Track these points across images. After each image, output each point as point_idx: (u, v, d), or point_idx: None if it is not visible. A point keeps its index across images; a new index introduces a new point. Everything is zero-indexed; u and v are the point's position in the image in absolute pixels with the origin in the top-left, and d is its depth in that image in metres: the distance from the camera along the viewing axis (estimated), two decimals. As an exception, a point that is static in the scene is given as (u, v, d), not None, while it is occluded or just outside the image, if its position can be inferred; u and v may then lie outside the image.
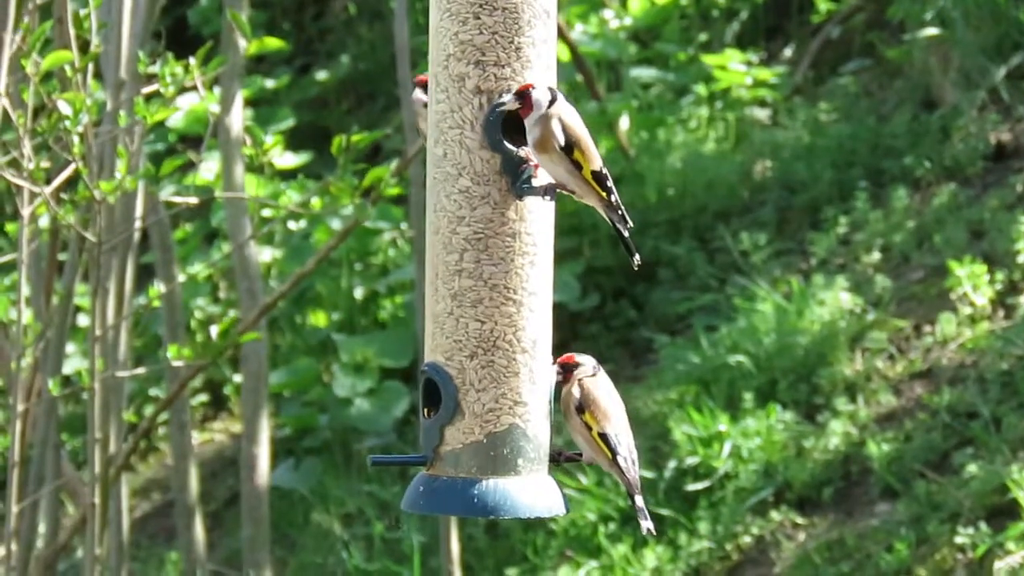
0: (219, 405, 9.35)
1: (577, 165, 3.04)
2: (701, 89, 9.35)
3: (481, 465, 3.02)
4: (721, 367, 7.48)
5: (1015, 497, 6.45)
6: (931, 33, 8.82)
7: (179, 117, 9.10)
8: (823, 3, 9.87)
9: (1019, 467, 6.52)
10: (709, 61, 9.39)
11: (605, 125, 8.94)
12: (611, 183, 3.06)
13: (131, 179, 4.69)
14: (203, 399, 9.28)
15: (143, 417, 7.21)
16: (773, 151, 8.89)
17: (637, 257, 3.14)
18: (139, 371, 6.04)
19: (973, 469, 6.64)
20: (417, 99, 3.28)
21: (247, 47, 4.89)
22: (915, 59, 8.93)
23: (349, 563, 7.53)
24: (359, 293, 9.01)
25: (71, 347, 8.60)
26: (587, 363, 3.15)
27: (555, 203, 3.07)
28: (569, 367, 3.12)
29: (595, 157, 3.05)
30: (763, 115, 9.39)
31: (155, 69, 4.71)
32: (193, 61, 4.68)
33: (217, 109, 6.53)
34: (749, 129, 9.19)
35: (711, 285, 8.27)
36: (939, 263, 7.65)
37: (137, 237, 5.94)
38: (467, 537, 7.37)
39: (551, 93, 3.01)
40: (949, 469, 6.81)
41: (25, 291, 5.01)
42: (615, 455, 3.10)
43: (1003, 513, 6.52)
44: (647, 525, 3.11)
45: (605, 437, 3.10)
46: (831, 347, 7.39)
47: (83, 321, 8.65)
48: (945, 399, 6.99)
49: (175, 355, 4.98)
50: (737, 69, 9.31)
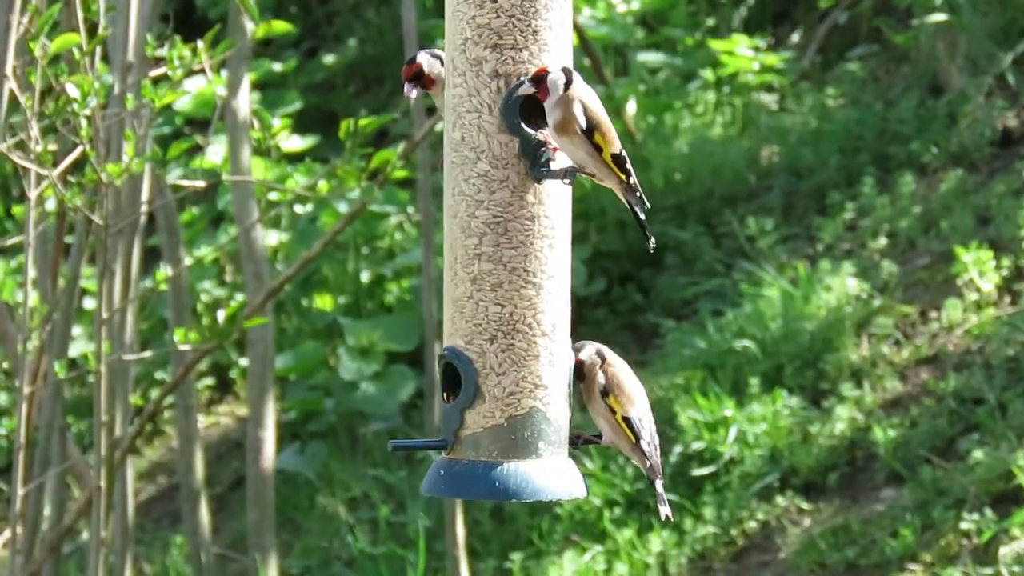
0: (225, 388, 9.34)
1: (598, 148, 3.03)
2: (708, 74, 9.33)
3: (502, 448, 3.01)
4: (727, 352, 7.48)
5: (1020, 483, 6.45)
6: (938, 19, 8.80)
7: (186, 100, 9.08)
8: (830, -11, 9.85)
9: (1025, 453, 6.53)
10: (716, 46, 9.36)
11: (612, 110, 8.88)
12: (630, 165, 3.06)
13: (138, 162, 4.68)
14: (209, 382, 9.28)
15: (149, 400, 7.21)
16: (780, 136, 8.87)
17: (653, 240, 3.14)
18: (145, 354, 6.05)
19: (979, 455, 6.64)
20: (407, 97, 3.23)
21: (255, 30, 4.86)
22: (922, 45, 8.91)
23: (354, 547, 7.53)
24: (365, 277, 9.00)
25: (77, 330, 8.60)
26: (589, 348, 3.14)
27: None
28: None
29: (615, 139, 3.04)
30: (770, 100, 9.37)
31: (163, 52, 4.69)
32: (201, 44, 4.66)
33: (224, 92, 6.51)
34: (756, 114, 9.17)
35: (717, 270, 8.26)
36: (945, 249, 7.64)
37: (144, 220, 5.92)
38: (472, 521, 7.37)
39: (566, 75, 3.01)
40: (955, 455, 6.81)
41: (32, 273, 5.00)
42: (638, 439, 3.10)
43: (1008, 499, 6.52)
44: (665, 511, 3.11)
45: (629, 421, 3.10)
46: (837, 332, 7.38)
47: (89, 304, 8.64)
48: (951, 385, 6.98)
49: (181, 338, 4.97)
50: (744, 54, 9.28)
